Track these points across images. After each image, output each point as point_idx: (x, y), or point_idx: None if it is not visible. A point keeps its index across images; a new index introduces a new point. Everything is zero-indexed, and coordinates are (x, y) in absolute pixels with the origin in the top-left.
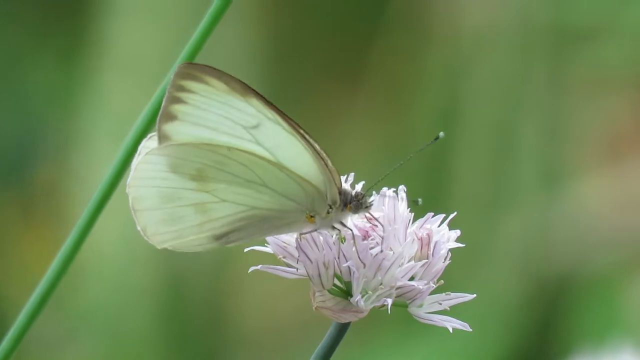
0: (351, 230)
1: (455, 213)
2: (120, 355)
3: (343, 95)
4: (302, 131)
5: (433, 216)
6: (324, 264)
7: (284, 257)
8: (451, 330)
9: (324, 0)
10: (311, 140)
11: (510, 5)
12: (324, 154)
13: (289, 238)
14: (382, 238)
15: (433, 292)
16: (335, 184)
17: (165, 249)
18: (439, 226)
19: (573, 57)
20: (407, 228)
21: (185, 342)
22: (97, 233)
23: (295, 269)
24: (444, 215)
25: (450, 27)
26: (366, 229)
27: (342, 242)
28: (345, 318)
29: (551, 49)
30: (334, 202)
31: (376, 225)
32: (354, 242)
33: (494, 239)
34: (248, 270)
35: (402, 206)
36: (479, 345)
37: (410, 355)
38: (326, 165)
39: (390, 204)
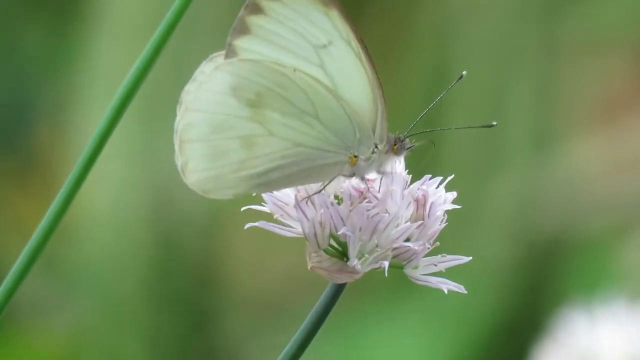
0: (392, 175)
1: (452, 176)
2: (113, 315)
3: None
4: (368, 54)
5: (430, 178)
6: (320, 223)
7: (280, 216)
8: (446, 292)
9: None
10: (374, 66)
11: None
12: (381, 85)
13: (287, 197)
14: (379, 199)
15: (428, 254)
16: (386, 119)
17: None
18: (436, 188)
19: (565, 17)
20: (403, 189)
21: (177, 302)
22: (89, 195)
23: (291, 228)
24: (441, 177)
25: None
26: (362, 190)
27: (339, 203)
28: (340, 279)
29: (543, 9)
30: (381, 140)
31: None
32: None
33: (485, 202)
34: (241, 229)
35: (400, 168)
36: (470, 307)
37: (401, 318)
38: (382, 95)
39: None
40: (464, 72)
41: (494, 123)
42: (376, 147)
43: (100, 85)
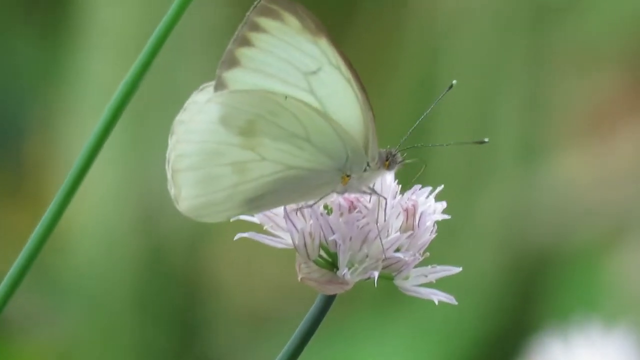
0: (385, 198)
1: (442, 186)
2: (102, 327)
3: None
4: (359, 78)
5: (420, 188)
6: (310, 233)
7: (270, 227)
8: (437, 303)
9: None
10: (364, 89)
11: None
12: (372, 107)
13: (276, 208)
14: (369, 210)
15: (419, 265)
16: (376, 139)
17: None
18: (425, 198)
19: (553, 30)
20: (393, 199)
21: (167, 314)
22: (79, 208)
23: (281, 239)
24: (430, 188)
25: (429, 3)
26: (352, 200)
27: (329, 213)
28: (330, 290)
29: (531, 21)
30: (373, 159)
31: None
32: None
33: (473, 213)
34: (230, 241)
35: (390, 178)
36: (459, 319)
37: (390, 330)
38: (373, 117)
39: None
40: (454, 82)
41: (486, 140)
42: (368, 165)
43: (89, 96)
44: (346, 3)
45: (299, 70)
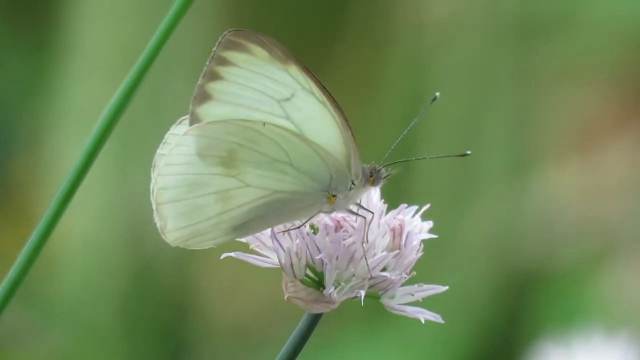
0: (372, 213)
1: (428, 205)
2: (90, 344)
3: None
4: (333, 100)
5: (406, 207)
6: (296, 253)
7: (256, 246)
8: (423, 322)
9: None
10: (340, 109)
11: None
12: (350, 126)
13: None
14: (355, 229)
15: (405, 284)
16: (359, 156)
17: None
18: (412, 217)
19: (540, 47)
20: (380, 218)
21: (154, 331)
22: (66, 226)
23: (267, 258)
24: (417, 206)
25: (416, 17)
26: (338, 219)
27: (315, 232)
28: (317, 309)
29: (518, 39)
30: (357, 176)
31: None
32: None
33: (462, 230)
34: (216, 260)
35: (376, 197)
36: (446, 337)
37: (378, 346)
38: (353, 135)
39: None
40: (437, 94)
41: (468, 152)
42: (353, 183)
43: (76, 115)
44: (333, 19)
45: (272, 98)
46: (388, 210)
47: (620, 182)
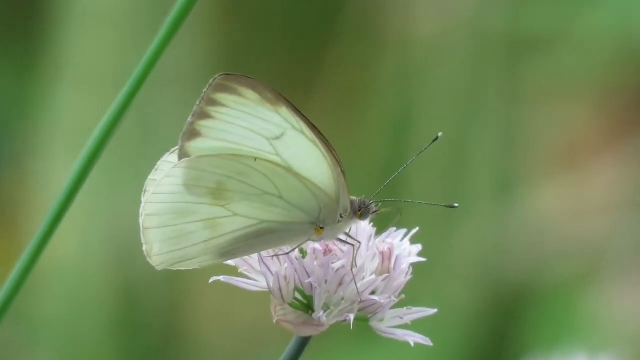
0: (359, 242)
1: (417, 229)
2: None
3: (296, 104)
4: (324, 139)
5: (395, 231)
6: (284, 277)
7: (245, 270)
8: (412, 345)
9: (275, 11)
10: (331, 148)
11: (463, 13)
12: (340, 163)
13: None
14: (344, 252)
15: (394, 306)
16: (347, 191)
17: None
18: (400, 241)
19: (527, 65)
20: (369, 242)
21: (141, 353)
22: (54, 245)
23: (256, 282)
24: (405, 230)
25: (403, 35)
26: (327, 244)
27: (303, 256)
28: (306, 332)
29: (505, 57)
30: (345, 210)
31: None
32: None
33: (449, 250)
34: (205, 281)
35: (364, 221)
36: (434, 356)
37: None
38: (342, 172)
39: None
40: (440, 134)
41: (456, 205)
42: (341, 217)
43: (62, 133)
44: (321, 36)
45: (262, 136)
46: (377, 233)
47: (607, 199)
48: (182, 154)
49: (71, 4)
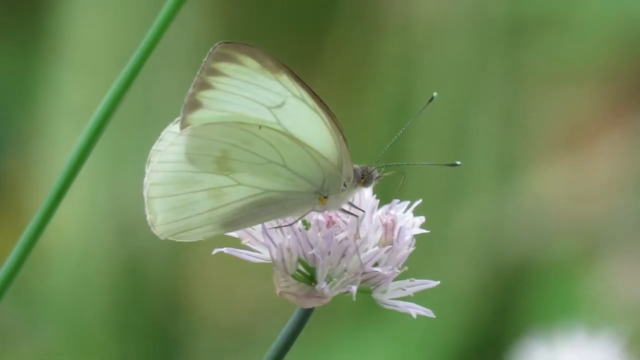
0: (363, 211)
1: (420, 201)
2: (80, 343)
3: None
4: (325, 106)
5: (398, 203)
6: (288, 249)
7: (248, 242)
8: (415, 316)
9: None
10: (332, 115)
11: None
12: (342, 130)
13: None
14: (347, 224)
15: (397, 279)
16: (350, 158)
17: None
18: (404, 212)
19: (528, 47)
20: (372, 214)
21: (144, 329)
22: (56, 224)
23: (259, 253)
24: (408, 202)
25: (404, 17)
26: (330, 215)
27: (307, 228)
28: (308, 303)
29: (506, 38)
30: (349, 178)
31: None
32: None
33: (450, 228)
34: (207, 254)
35: (368, 192)
36: (435, 334)
37: (367, 343)
38: (344, 139)
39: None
40: (435, 94)
41: (458, 163)
42: (345, 185)
43: (64, 115)
44: (321, 19)
45: (263, 105)
46: (380, 205)
47: (607, 181)
48: (184, 126)
49: None
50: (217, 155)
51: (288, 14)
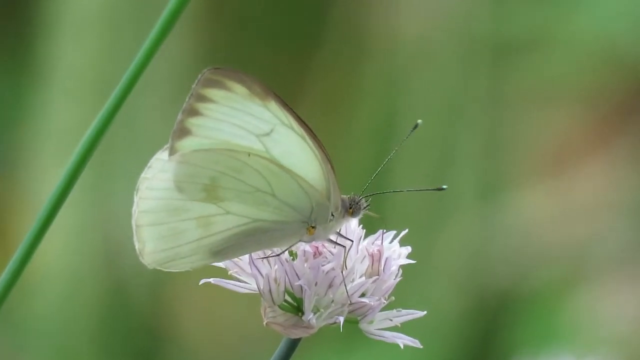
0: (352, 241)
1: (406, 230)
2: None
3: None
4: (313, 134)
5: (385, 232)
6: (275, 279)
7: (235, 272)
8: (402, 347)
9: (261, 15)
10: (320, 143)
11: (448, 16)
12: (330, 159)
13: None
14: (334, 255)
15: (384, 309)
16: (338, 188)
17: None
18: (390, 243)
19: (512, 69)
20: (358, 244)
21: (129, 354)
22: (42, 249)
23: (246, 284)
24: (394, 232)
25: (389, 39)
26: (317, 246)
27: (293, 259)
28: (296, 334)
29: (490, 60)
30: (336, 208)
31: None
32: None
33: (435, 253)
34: (194, 283)
35: (354, 223)
36: (421, 358)
37: None
38: (332, 168)
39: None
40: (419, 121)
41: (444, 187)
42: (332, 214)
43: (53, 140)
44: (307, 38)
45: (252, 133)
46: (366, 235)
47: (591, 204)
48: (173, 153)
49: (61, 10)
50: (206, 183)
51: (273, 37)
